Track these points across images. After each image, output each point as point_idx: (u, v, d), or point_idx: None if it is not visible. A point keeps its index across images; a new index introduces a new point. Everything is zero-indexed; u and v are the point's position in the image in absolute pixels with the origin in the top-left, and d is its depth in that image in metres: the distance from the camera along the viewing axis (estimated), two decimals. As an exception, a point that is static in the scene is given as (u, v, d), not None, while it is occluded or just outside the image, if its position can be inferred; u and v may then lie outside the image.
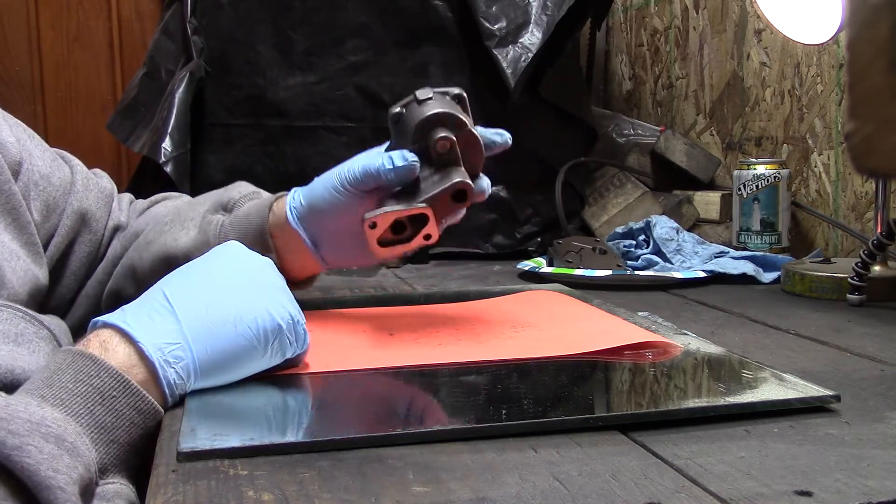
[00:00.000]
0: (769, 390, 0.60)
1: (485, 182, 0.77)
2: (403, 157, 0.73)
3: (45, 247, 0.77)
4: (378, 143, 1.39)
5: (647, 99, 1.81)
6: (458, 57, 1.35)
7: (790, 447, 0.51)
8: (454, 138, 0.73)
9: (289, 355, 0.63)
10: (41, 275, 0.73)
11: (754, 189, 1.24)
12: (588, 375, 0.67)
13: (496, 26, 1.30)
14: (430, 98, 0.75)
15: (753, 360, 0.68)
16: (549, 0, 1.31)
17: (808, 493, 0.44)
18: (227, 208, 0.82)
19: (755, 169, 1.24)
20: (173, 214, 0.84)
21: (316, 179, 0.79)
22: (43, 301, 0.76)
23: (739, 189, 1.25)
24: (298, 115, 1.37)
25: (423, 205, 0.72)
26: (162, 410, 0.56)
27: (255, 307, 0.61)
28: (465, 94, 0.76)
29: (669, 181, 1.51)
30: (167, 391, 0.57)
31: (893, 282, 0.99)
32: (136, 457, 0.54)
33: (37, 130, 0.84)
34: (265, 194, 0.84)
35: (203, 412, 0.57)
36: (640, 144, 1.59)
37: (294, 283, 0.83)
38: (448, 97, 0.76)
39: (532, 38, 1.29)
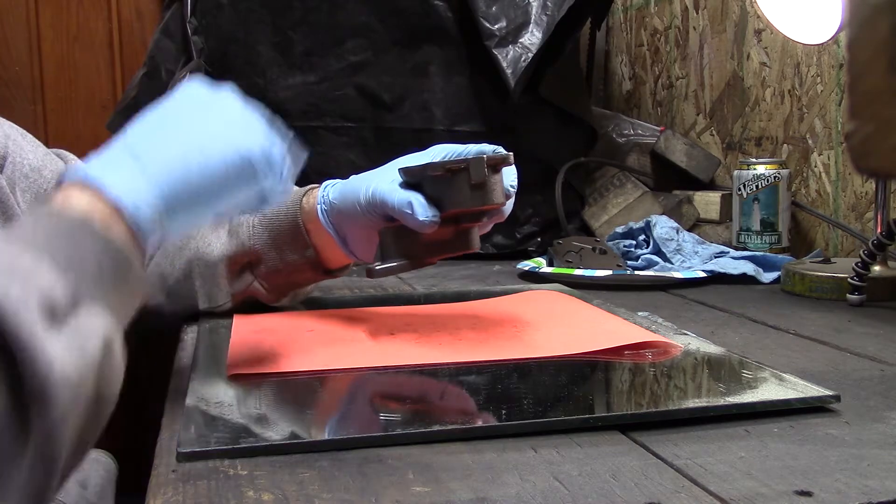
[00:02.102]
0: (769, 390, 0.60)
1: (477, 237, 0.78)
2: (428, 215, 0.70)
3: None
4: (378, 143, 1.39)
5: (647, 99, 1.81)
6: (458, 57, 1.35)
7: (790, 447, 0.51)
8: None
9: (264, 187, 0.58)
10: None
11: (754, 189, 1.24)
12: (588, 375, 0.67)
13: (496, 26, 1.30)
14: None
15: (753, 360, 0.68)
16: (549, 0, 1.31)
17: (808, 493, 0.44)
18: None
19: (755, 169, 1.24)
20: None
21: (351, 179, 0.78)
22: None
23: (739, 189, 1.25)
24: (298, 115, 1.37)
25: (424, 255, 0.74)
26: (127, 246, 0.50)
27: (224, 137, 0.56)
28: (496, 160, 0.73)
29: (669, 181, 1.51)
30: (137, 233, 0.52)
31: (893, 282, 0.99)
32: (114, 294, 0.49)
33: (37, 130, 0.84)
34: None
35: (203, 412, 0.57)
36: (640, 144, 1.59)
37: (328, 272, 0.84)
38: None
39: (532, 38, 1.29)
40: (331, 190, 0.80)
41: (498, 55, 1.29)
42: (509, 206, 0.77)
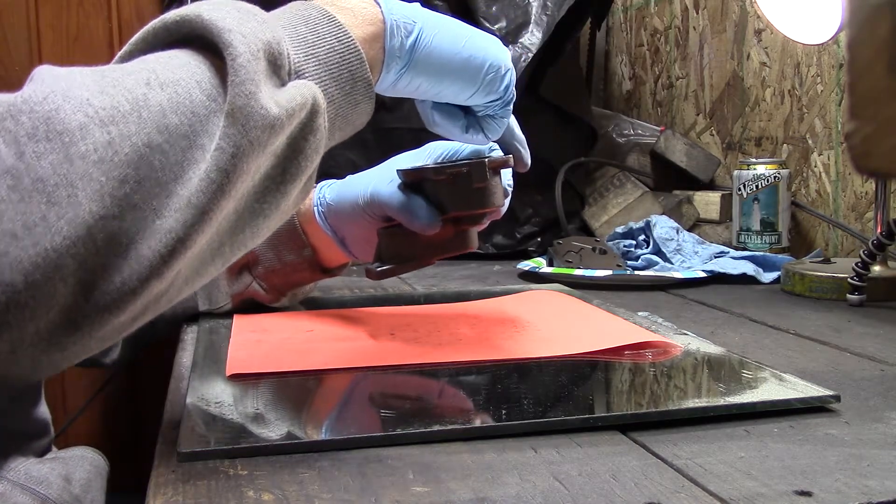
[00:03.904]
0: (769, 390, 0.60)
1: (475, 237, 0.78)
2: (430, 218, 0.71)
3: None
4: (378, 143, 1.39)
5: (647, 99, 1.81)
6: (458, 57, 1.35)
7: (790, 447, 0.51)
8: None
9: (482, 103, 0.65)
10: None
11: (754, 189, 1.24)
12: (588, 375, 0.67)
13: (496, 26, 1.30)
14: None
15: (753, 360, 0.68)
16: (549, 0, 1.31)
17: (808, 493, 0.44)
18: None
19: (755, 169, 1.24)
20: None
21: (348, 179, 0.78)
22: None
23: (739, 189, 1.25)
24: (298, 115, 1.37)
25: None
26: (362, 50, 0.53)
27: (487, 39, 0.64)
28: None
29: (669, 181, 1.51)
30: (386, 54, 0.57)
31: (893, 282, 0.99)
32: (336, 87, 0.52)
33: (37, 130, 0.84)
34: None
35: (203, 412, 0.57)
36: (640, 144, 1.59)
37: (327, 271, 0.85)
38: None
39: (532, 38, 1.29)
40: (327, 190, 0.80)
41: (498, 55, 1.29)
42: (506, 204, 0.77)
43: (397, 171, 0.73)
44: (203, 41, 0.47)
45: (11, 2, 1.73)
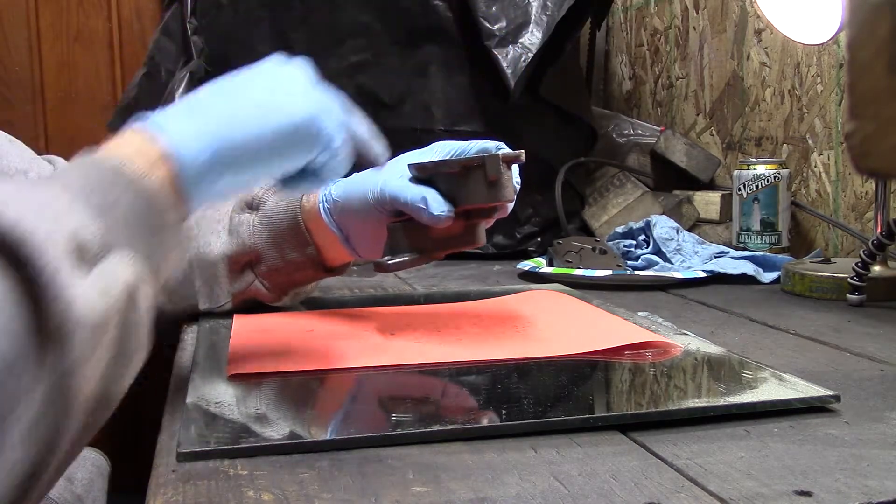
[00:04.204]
0: (769, 390, 0.60)
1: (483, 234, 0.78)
2: (443, 208, 0.71)
3: None
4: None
5: (647, 99, 1.81)
6: (458, 57, 1.35)
7: (790, 447, 0.51)
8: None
9: (315, 156, 0.59)
10: None
11: (754, 189, 1.24)
12: (588, 375, 0.67)
13: (496, 26, 1.30)
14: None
15: (753, 360, 0.68)
16: (549, 0, 1.31)
17: (808, 493, 0.44)
18: (251, 206, 0.83)
19: (755, 169, 1.24)
20: (197, 217, 0.84)
21: (354, 177, 0.78)
22: None
23: (739, 189, 1.25)
24: (298, 115, 1.37)
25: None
26: (166, 197, 0.51)
27: (279, 100, 0.58)
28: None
29: (669, 181, 1.51)
30: (181, 184, 0.53)
31: (893, 282, 0.99)
32: (146, 244, 0.49)
33: (37, 130, 0.84)
34: None
35: (203, 412, 0.57)
36: (640, 144, 1.59)
37: (329, 270, 0.84)
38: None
39: (532, 38, 1.29)
40: (333, 188, 0.80)
41: (498, 55, 1.29)
42: (512, 204, 0.77)
43: (409, 165, 0.73)
44: (4, 248, 0.42)
45: (11, 2, 1.73)
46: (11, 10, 1.74)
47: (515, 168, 0.76)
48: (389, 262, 0.73)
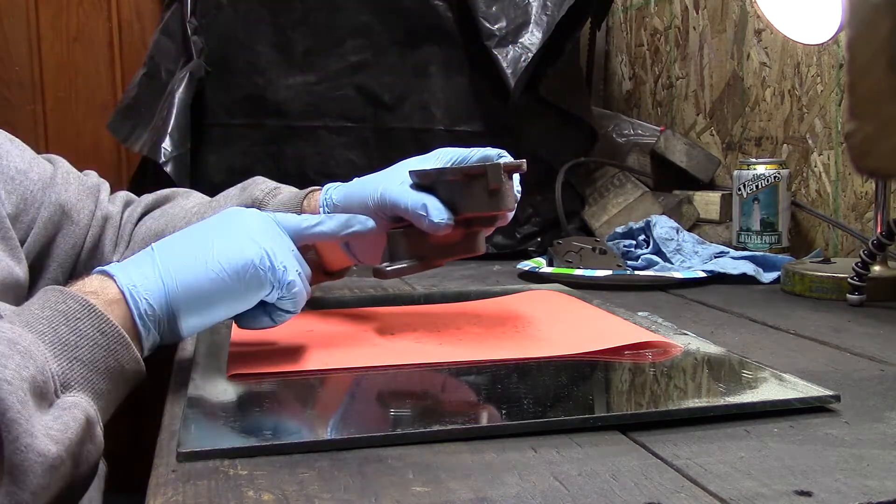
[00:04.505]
0: (769, 390, 0.60)
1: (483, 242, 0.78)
2: (443, 216, 0.71)
3: (24, 240, 0.79)
4: (378, 143, 1.39)
5: (647, 99, 1.81)
6: (457, 57, 1.35)
7: (790, 447, 0.51)
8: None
9: (268, 295, 0.64)
10: (17, 267, 0.74)
11: (754, 189, 1.24)
12: (588, 375, 0.67)
13: (496, 26, 1.30)
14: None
15: (753, 360, 0.68)
16: (549, 0, 1.31)
17: (808, 493, 0.44)
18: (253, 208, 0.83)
19: (755, 169, 1.24)
20: (198, 220, 0.84)
21: (354, 182, 0.79)
22: (25, 292, 0.76)
23: (739, 189, 1.25)
24: (298, 115, 1.37)
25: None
26: (125, 334, 0.56)
27: (227, 245, 0.62)
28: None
29: (669, 181, 1.51)
30: (139, 322, 0.58)
31: (893, 282, 0.99)
32: (104, 380, 0.54)
33: (37, 130, 0.85)
34: (285, 188, 0.86)
35: (203, 412, 0.57)
36: (640, 144, 1.59)
37: (329, 273, 0.85)
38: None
39: (532, 38, 1.29)
40: (333, 192, 0.80)
41: (498, 55, 1.29)
42: (512, 213, 0.77)
43: (410, 172, 0.73)
44: None
45: (11, 2, 1.73)
46: (11, 10, 1.74)
47: (516, 177, 0.76)
48: (388, 268, 0.73)
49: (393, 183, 0.74)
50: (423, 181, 0.73)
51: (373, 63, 1.36)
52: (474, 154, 0.75)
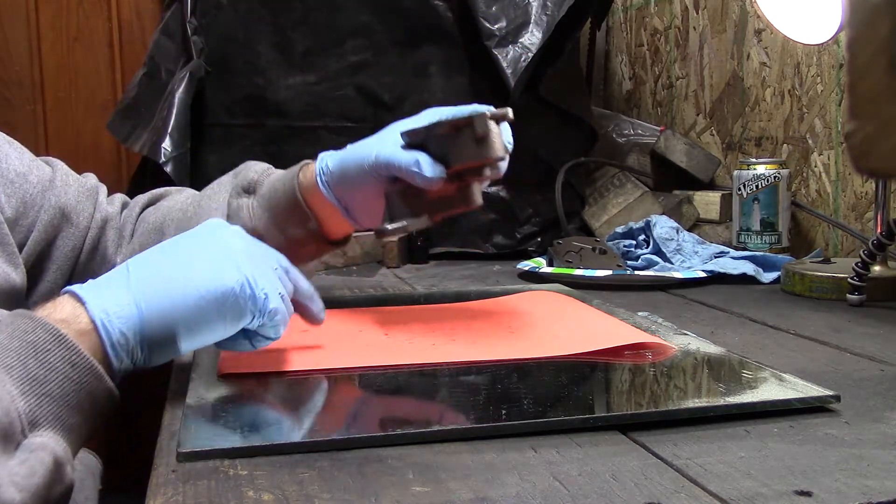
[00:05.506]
0: (769, 390, 0.60)
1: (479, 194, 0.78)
2: (435, 172, 0.71)
3: (24, 244, 0.78)
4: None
5: (647, 99, 1.81)
6: (458, 57, 1.35)
7: (790, 447, 0.51)
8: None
9: (248, 323, 0.60)
10: (13, 272, 0.74)
11: (754, 189, 1.24)
12: (588, 375, 0.67)
13: (496, 26, 1.30)
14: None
15: (753, 360, 0.68)
16: (549, 0, 1.31)
17: (808, 493, 0.44)
18: (249, 190, 0.84)
19: (755, 169, 1.24)
20: (194, 208, 0.85)
21: (348, 148, 0.79)
22: (25, 296, 0.76)
23: (739, 189, 1.25)
24: (298, 115, 1.37)
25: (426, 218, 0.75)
26: (98, 366, 0.53)
27: (206, 270, 0.59)
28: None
29: (669, 181, 1.51)
30: (111, 351, 0.55)
31: (893, 282, 0.98)
32: (75, 415, 0.52)
33: (37, 130, 0.85)
34: (277, 170, 0.86)
35: (203, 412, 0.57)
36: (640, 144, 1.59)
37: (333, 242, 0.84)
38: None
39: (532, 38, 1.29)
40: (329, 160, 0.80)
41: (498, 55, 1.29)
42: (505, 164, 0.77)
43: (401, 133, 0.74)
44: None
45: (11, 2, 1.73)
46: (11, 10, 1.74)
47: (506, 127, 0.77)
48: (388, 227, 0.74)
49: (386, 144, 0.75)
50: (414, 139, 0.74)
51: (373, 63, 1.36)
52: (463, 110, 0.76)
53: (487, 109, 0.75)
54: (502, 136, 0.75)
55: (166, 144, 1.29)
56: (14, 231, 0.76)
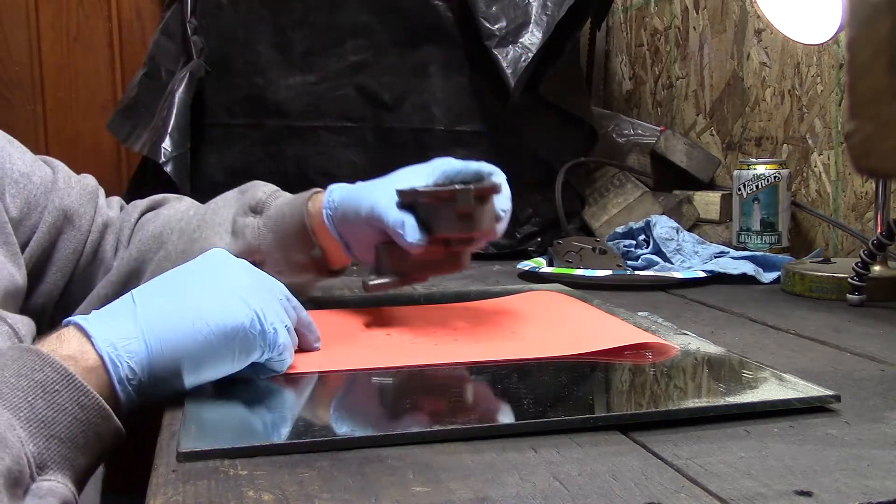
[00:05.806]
0: (769, 390, 0.60)
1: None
2: (416, 238, 0.72)
3: (26, 244, 0.78)
4: (378, 143, 1.39)
5: (647, 99, 1.81)
6: (458, 57, 1.35)
7: (790, 447, 0.51)
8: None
9: (257, 358, 0.61)
10: (17, 273, 0.74)
11: (754, 189, 1.24)
12: (588, 375, 0.67)
13: (496, 26, 1.30)
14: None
15: (753, 360, 0.68)
16: (549, 0, 1.31)
17: (808, 493, 0.44)
18: (256, 210, 0.84)
19: (755, 169, 1.24)
20: (197, 222, 0.84)
21: (356, 187, 0.80)
22: (25, 297, 0.76)
23: (739, 189, 1.25)
24: (298, 115, 1.37)
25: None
26: (107, 406, 0.53)
27: (216, 305, 0.58)
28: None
29: (669, 181, 1.51)
30: (118, 387, 0.55)
31: (893, 282, 0.98)
32: (82, 455, 0.52)
33: (37, 130, 0.84)
34: (284, 193, 0.86)
35: (203, 412, 0.57)
36: (640, 144, 1.59)
37: (331, 272, 0.86)
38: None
39: (532, 38, 1.29)
40: (336, 195, 0.80)
41: (498, 55, 1.29)
42: (503, 225, 0.77)
43: (396, 190, 0.75)
44: None
45: (11, 2, 1.73)
46: (11, 10, 1.74)
47: (504, 193, 0.75)
48: (371, 283, 0.76)
49: (384, 196, 0.75)
50: (404, 200, 0.74)
51: (373, 63, 1.36)
52: (469, 168, 0.76)
53: (484, 174, 0.74)
54: (492, 209, 0.74)
55: (166, 144, 1.29)
56: (17, 231, 0.76)
